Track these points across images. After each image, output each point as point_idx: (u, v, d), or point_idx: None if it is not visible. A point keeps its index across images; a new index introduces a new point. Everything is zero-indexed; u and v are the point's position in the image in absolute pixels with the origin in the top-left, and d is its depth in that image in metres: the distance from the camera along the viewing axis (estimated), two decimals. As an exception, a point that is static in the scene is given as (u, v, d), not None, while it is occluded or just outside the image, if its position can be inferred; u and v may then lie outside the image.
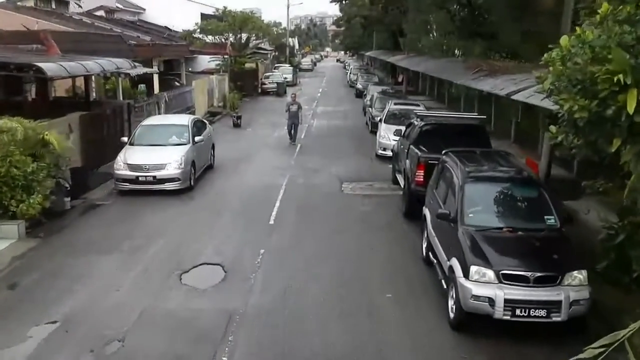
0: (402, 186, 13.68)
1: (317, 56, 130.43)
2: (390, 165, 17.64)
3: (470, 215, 8.14)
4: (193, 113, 29.13)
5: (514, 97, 13.74)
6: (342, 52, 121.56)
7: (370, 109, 26.05)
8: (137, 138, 15.44)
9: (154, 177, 14.21)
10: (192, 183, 14.93)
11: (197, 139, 15.58)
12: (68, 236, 11.41)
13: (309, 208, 13.53)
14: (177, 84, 35.65)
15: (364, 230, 12.05)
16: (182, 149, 14.96)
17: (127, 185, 14.30)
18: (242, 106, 35.10)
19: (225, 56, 39.85)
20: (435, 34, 37.76)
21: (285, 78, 48.25)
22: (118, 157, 14.61)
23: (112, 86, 25.99)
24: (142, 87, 31.56)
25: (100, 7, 53.15)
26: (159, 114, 23.52)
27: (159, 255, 10.41)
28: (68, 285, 9.03)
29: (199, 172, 15.97)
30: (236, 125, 26.68)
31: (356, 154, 20.40)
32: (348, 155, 20.26)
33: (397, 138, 16.98)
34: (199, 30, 42.83)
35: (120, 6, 56.90)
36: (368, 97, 31.11)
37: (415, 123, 13.72)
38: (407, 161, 12.91)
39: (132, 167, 14.26)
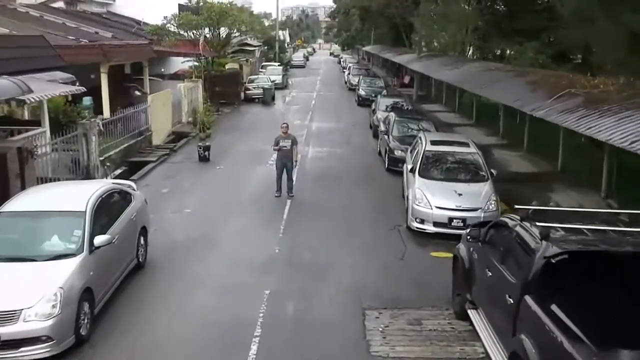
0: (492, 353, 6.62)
1: (310, 49, 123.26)
2: (435, 254, 10.77)
3: None
4: (149, 138, 21.98)
5: None
6: (336, 45, 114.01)
7: (386, 137, 18.94)
8: (-17, 242, 8.27)
9: (-3, 337, 7.10)
10: (82, 332, 7.79)
11: (100, 240, 8.38)
12: None
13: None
14: (137, 93, 28.44)
15: None
16: (65, 269, 7.79)
17: (-54, 352, 7.20)
18: (217, 123, 27.86)
19: (201, 57, 32.57)
20: (464, 31, 30.56)
21: (274, 81, 41.03)
22: None
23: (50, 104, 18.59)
24: (86, 100, 24.36)
25: (62, -3, 45.66)
26: (88, 153, 16.30)
27: None
28: None
29: (108, 293, 8.83)
30: (203, 159, 19.48)
31: (376, 223, 13.28)
32: (364, 225, 13.14)
33: (449, 214, 10.25)
34: (168, 24, 35.57)
35: (87, -4, 49.36)
36: (379, 115, 24.02)
37: (527, 239, 6.58)
38: (525, 340, 5.81)
39: (-47, 316, 7.14)
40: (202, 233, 12.42)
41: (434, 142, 14.02)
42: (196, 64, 33.66)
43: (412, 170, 13.23)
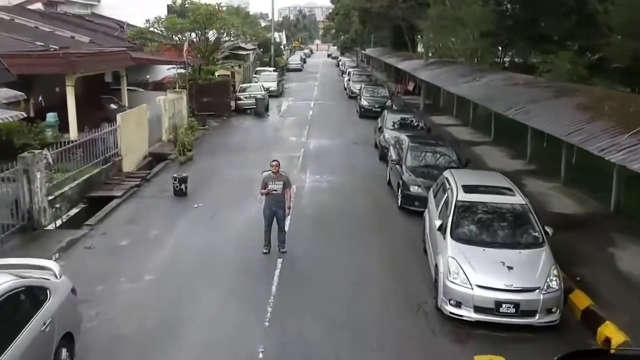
0: None
1: (307, 50, 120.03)
2: (480, 358, 7.61)
3: None
4: (118, 164, 18.75)
5: None
6: (334, 46, 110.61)
7: (399, 167, 15.76)
8: None
9: None
10: None
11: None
12: None
13: None
14: (114, 106, 25.26)
15: None
16: None
17: None
18: (203, 140, 24.67)
19: (187, 64, 29.25)
20: (473, 35, 27.37)
21: (268, 88, 37.88)
22: None
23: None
24: (50, 117, 21.27)
25: (40, -1, 42.55)
26: (31, 193, 13.06)
27: None
28: None
29: None
30: (179, 193, 16.25)
31: (393, 298, 10.05)
32: (377, 302, 9.90)
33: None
34: (152, 27, 32.32)
35: (69, -4, 46.15)
36: (387, 134, 20.95)
37: None
38: None
39: None
40: (160, 319, 9.17)
41: (467, 189, 10.77)
42: (182, 71, 30.44)
43: (442, 229, 10.00)
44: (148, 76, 36.67)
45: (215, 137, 25.69)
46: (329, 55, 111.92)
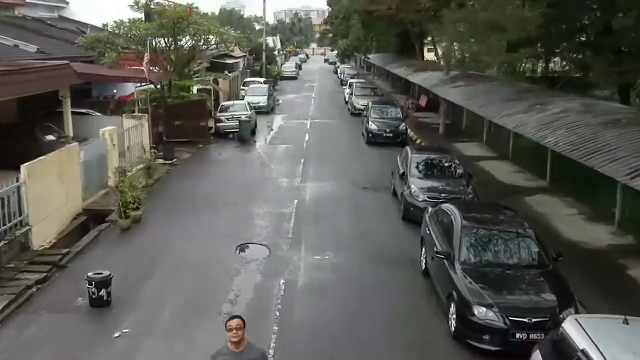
0: None
1: (302, 55, 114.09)
2: None
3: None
4: (23, 239, 12.64)
5: None
6: (331, 51, 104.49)
7: (448, 265, 9.71)
8: None
9: None
10: None
11: None
12: None
13: None
14: (50, 138, 19.31)
15: None
16: None
17: None
18: (163, 184, 18.59)
19: (148, 80, 23.06)
20: (509, 42, 21.46)
21: (257, 104, 32.07)
22: None
23: None
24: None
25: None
26: None
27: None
28: None
29: None
30: (97, 303, 10.11)
31: None
32: None
33: None
34: (116, 31, 26.38)
35: (32, -1, 39.83)
36: (413, 186, 15.04)
37: None
38: None
39: None
40: None
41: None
42: (150, 86, 24.45)
43: None
44: (115, 90, 30.60)
45: (180, 179, 19.48)
46: (326, 61, 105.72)
